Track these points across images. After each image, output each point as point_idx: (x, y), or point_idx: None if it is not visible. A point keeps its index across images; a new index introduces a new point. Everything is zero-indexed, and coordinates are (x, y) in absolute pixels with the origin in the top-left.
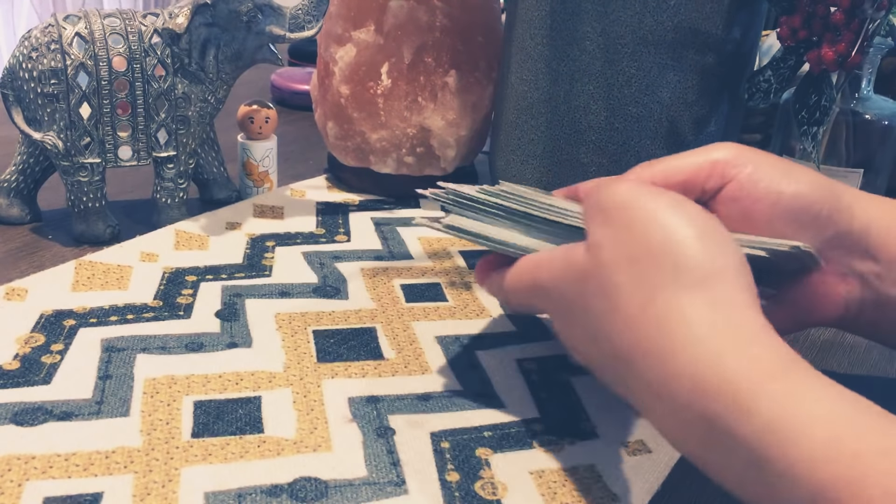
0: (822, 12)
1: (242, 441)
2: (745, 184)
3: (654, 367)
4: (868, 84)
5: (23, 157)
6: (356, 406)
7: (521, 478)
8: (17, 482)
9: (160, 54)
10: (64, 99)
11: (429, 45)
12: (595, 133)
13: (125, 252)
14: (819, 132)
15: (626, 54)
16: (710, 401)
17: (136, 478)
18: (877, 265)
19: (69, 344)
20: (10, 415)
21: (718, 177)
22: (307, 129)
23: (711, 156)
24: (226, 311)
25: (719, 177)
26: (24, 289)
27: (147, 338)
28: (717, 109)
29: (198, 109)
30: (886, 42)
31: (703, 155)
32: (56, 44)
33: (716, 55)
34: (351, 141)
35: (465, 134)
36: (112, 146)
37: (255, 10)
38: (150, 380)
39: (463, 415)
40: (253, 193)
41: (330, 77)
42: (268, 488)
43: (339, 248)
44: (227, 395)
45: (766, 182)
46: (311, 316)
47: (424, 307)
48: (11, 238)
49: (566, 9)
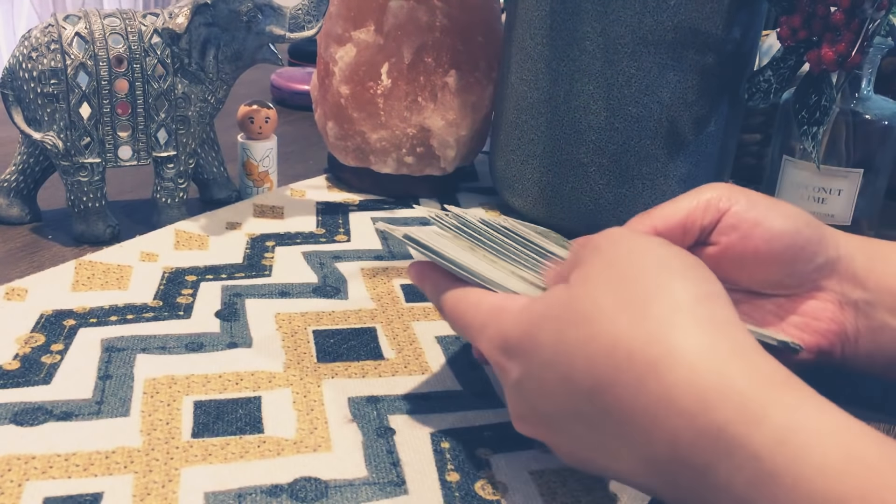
0: (822, 12)
1: (242, 441)
2: (740, 213)
3: (648, 382)
4: (868, 84)
5: (23, 157)
6: (356, 406)
7: (521, 478)
8: (17, 482)
9: (160, 54)
10: (64, 99)
11: (429, 45)
12: (595, 133)
13: (125, 252)
14: (819, 132)
15: (626, 54)
16: (717, 410)
17: (136, 478)
18: (866, 293)
19: (69, 344)
20: (10, 415)
21: (714, 210)
22: (307, 129)
23: (703, 196)
24: (226, 311)
25: (715, 210)
26: (24, 289)
27: (147, 338)
28: (717, 109)
29: (198, 109)
30: (886, 42)
31: (696, 196)
32: (56, 44)
33: (716, 55)
34: (351, 141)
35: (465, 134)
36: (112, 146)
37: (255, 10)
38: (150, 380)
39: (463, 415)
40: (253, 193)
41: (330, 77)
42: (268, 488)
43: (339, 247)
44: (227, 395)
45: (761, 212)
46: (311, 316)
47: (424, 307)
48: (11, 238)
49: (566, 9)
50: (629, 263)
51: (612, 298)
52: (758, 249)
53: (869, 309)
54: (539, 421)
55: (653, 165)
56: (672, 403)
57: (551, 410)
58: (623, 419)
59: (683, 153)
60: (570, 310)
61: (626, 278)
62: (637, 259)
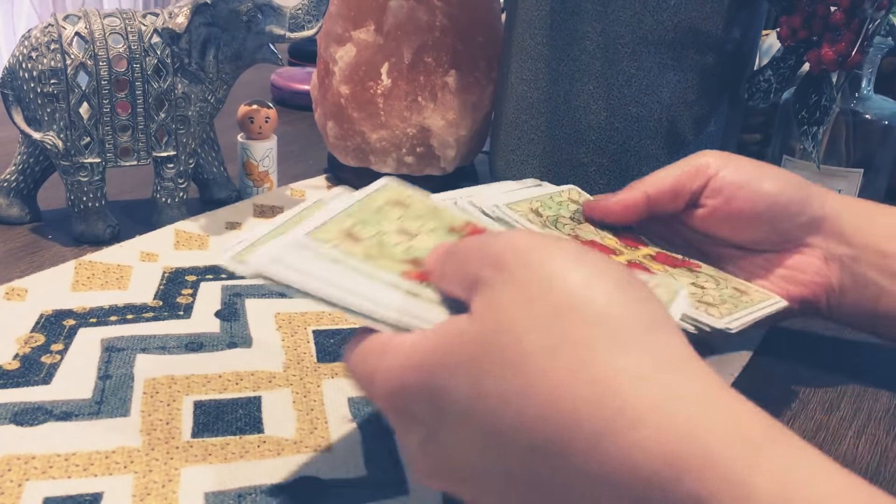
0: (822, 12)
1: (242, 441)
2: (727, 177)
3: (603, 444)
4: (868, 84)
5: (23, 157)
6: (356, 406)
7: None
8: (17, 482)
9: (160, 54)
10: (64, 99)
11: (429, 45)
12: (595, 133)
13: (125, 252)
14: (819, 132)
15: (626, 54)
16: (695, 480)
17: (136, 478)
18: (851, 249)
19: (69, 344)
20: (10, 415)
21: (703, 176)
22: (307, 129)
23: (693, 162)
24: (226, 310)
25: (703, 176)
26: (24, 289)
27: (147, 338)
28: (717, 109)
29: (198, 109)
30: (886, 42)
31: (687, 163)
32: (56, 44)
33: (716, 55)
34: (351, 141)
35: (465, 134)
36: (112, 146)
37: (255, 9)
38: (150, 380)
39: None
40: (253, 193)
41: (330, 77)
42: (268, 488)
43: None
44: (227, 395)
45: (746, 176)
46: (311, 316)
47: None
48: (11, 238)
49: (566, 8)
50: (550, 288)
51: (538, 338)
52: (741, 210)
53: (853, 264)
54: (457, 479)
55: (653, 165)
56: (636, 470)
57: (473, 469)
58: (571, 486)
59: (683, 153)
60: (484, 353)
61: (550, 309)
62: (559, 282)
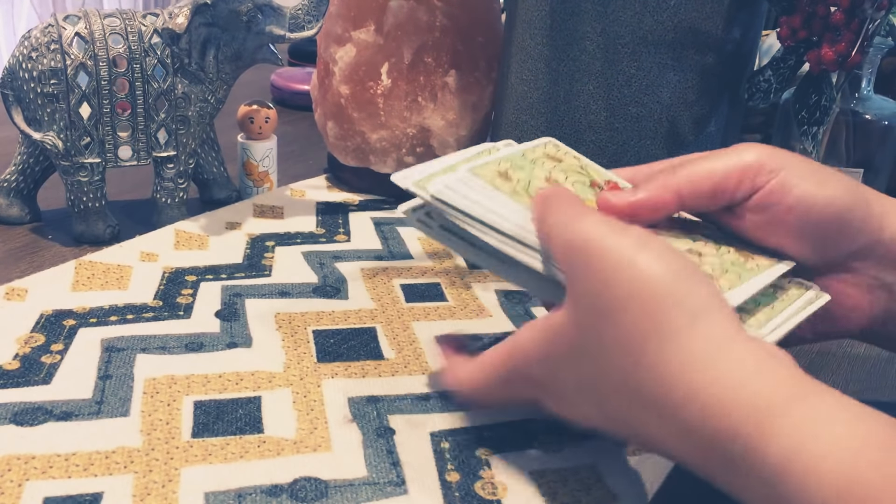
0: (822, 12)
1: (242, 441)
2: (776, 192)
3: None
4: (868, 84)
5: (23, 157)
6: (356, 406)
7: (521, 478)
8: (17, 482)
9: (160, 54)
10: (64, 99)
11: (429, 45)
12: (595, 133)
13: (125, 252)
14: (819, 132)
15: (626, 54)
16: (732, 420)
17: (136, 478)
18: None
19: (69, 344)
20: (10, 415)
21: (749, 184)
22: (307, 129)
23: (742, 159)
24: (226, 310)
25: (750, 184)
26: (24, 289)
27: (147, 338)
28: (717, 109)
29: (198, 109)
30: (886, 42)
31: (733, 158)
32: (56, 44)
33: (716, 55)
34: (351, 141)
35: (465, 134)
36: (112, 146)
37: (255, 10)
38: (150, 380)
39: (463, 415)
40: (253, 193)
41: (330, 77)
42: (268, 488)
43: (338, 247)
44: (227, 395)
45: (799, 190)
46: (311, 316)
47: (424, 307)
48: (11, 238)
49: (566, 9)
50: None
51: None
52: (785, 235)
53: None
54: None
55: None
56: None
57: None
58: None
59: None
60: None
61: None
62: (624, 279)
